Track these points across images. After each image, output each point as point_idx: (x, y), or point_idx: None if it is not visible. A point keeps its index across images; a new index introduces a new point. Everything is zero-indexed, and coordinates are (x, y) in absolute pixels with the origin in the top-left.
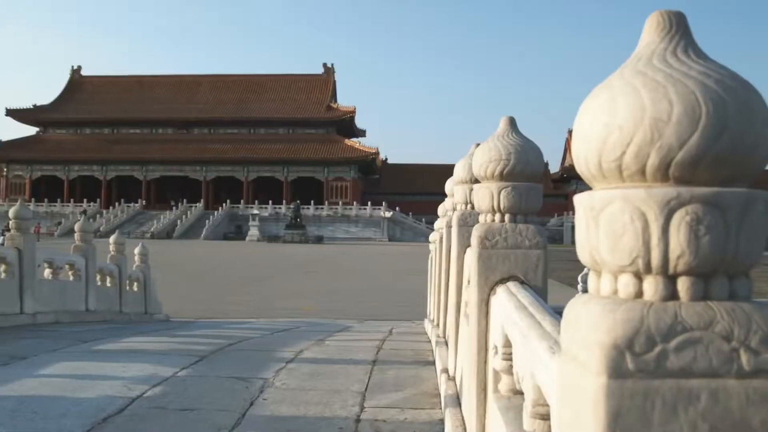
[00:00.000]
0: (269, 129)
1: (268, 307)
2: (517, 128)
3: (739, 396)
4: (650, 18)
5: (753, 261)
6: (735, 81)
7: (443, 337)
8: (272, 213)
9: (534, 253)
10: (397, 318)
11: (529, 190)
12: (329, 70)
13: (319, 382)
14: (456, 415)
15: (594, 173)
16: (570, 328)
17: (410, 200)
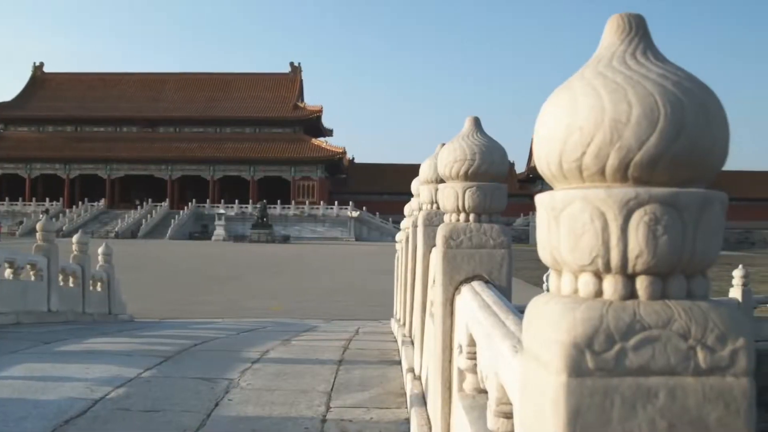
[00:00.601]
0: (236, 128)
1: (235, 307)
2: (481, 128)
3: (696, 393)
4: (610, 20)
5: (710, 260)
6: (692, 83)
7: (409, 337)
8: (238, 212)
9: (498, 252)
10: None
11: (494, 190)
12: (296, 69)
13: (285, 382)
14: (421, 414)
15: (555, 173)
16: (531, 327)
17: (377, 200)
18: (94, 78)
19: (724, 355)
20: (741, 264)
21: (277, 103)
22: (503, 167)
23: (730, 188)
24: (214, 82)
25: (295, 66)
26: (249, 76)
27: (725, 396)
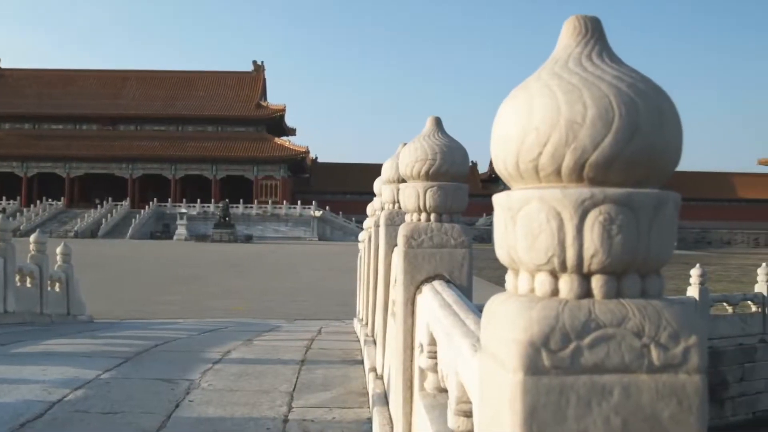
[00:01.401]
0: (198, 126)
1: (197, 307)
2: (443, 128)
3: (649, 390)
4: (567, 22)
5: (663, 259)
6: (647, 85)
7: (372, 336)
8: (200, 212)
9: (459, 252)
10: (327, 317)
11: (455, 190)
12: (259, 67)
13: (247, 382)
14: (383, 413)
15: (512, 173)
16: (488, 326)
17: (340, 199)
18: (53, 74)
19: (677, 352)
20: (698, 263)
21: (240, 102)
22: (464, 167)
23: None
24: (176, 80)
25: (258, 65)
26: (212, 74)
27: (678, 393)
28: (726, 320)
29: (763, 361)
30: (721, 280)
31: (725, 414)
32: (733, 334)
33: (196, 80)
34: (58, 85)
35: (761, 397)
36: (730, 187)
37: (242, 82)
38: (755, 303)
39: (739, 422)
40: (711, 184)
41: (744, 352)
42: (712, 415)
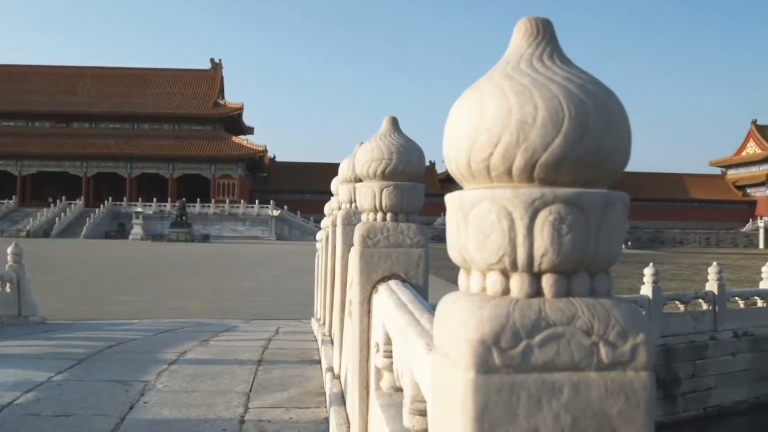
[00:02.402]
0: (154, 124)
1: (154, 307)
2: (399, 128)
3: (598, 388)
4: (519, 24)
5: (612, 259)
6: (596, 87)
7: (329, 336)
8: (157, 211)
9: (415, 251)
10: (284, 317)
11: (411, 190)
12: (216, 65)
13: (203, 383)
14: (341, 413)
15: (464, 173)
16: (441, 325)
17: (299, 199)
18: (3, 70)
19: (625, 350)
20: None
21: (197, 100)
22: (420, 167)
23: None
24: (131, 77)
25: (215, 62)
26: (168, 71)
27: (626, 390)
28: (678, 318)
29: (713, 357)
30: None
31: (677, 410)
32: (685, 331)
33: (152, 78)
34: (10, 81)
35: (712, 393)
36: (682, 188)
37: (199, 80)
38: (706, 301)
39: (691, 418)
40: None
41: (695, 349)
42: (664, 411)
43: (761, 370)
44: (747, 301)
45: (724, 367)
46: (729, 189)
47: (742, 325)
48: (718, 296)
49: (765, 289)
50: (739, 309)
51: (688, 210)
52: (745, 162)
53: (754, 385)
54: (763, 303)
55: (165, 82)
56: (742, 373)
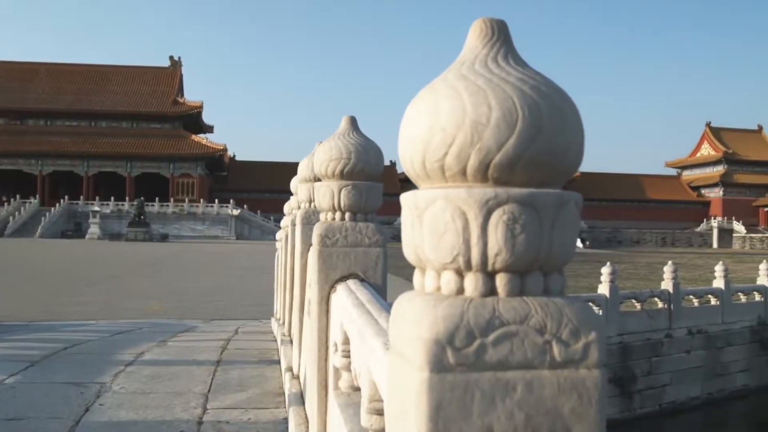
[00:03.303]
0: (111, 122)
1: (110, 308)
2: (358, 128)
3: (551, 386)
4: (474, 25)
5: (566, 258)
6: (550, 88)
7: (288, 336)
8: (114, 210)
9: (374, 251)
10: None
11: (369, 189)
12: (176, 63)
13: (160, 384)
14: (300, 413)
15: (419, 173)
16: (396, 324)
17: (259, 198)
18: None
19: (578, 348)
20: (609, 262)
21: (156, 98)
22: (379, 166)
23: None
24: (88, 74)
25: (174, 60)
26: (126, 68)
27: (578, 387)
28: (635, 316)
29: (668, 355)
30: (630, 277)
31: (633, 407)
32: (641, 329)
33: (110, 75)
34: None
35: (667, 390)
36: (639, 189)
37: (158, 77)
38: (662, 300)
39: (647, 414)
40: (622, 186)
41: (651, 346)
42: (621, 408)
43: (714, 367)
44: (701, 300)
45: (678, 364)
46: (684, 190)
47: (696, 322)
48: (673, 295)
49: (718, 287)
50: (693, 307)
51: (644, 210)
52: (699, 163)
53: (707, 381)
54: (716, 301)
55: (123, 79)
56: (695, 370)
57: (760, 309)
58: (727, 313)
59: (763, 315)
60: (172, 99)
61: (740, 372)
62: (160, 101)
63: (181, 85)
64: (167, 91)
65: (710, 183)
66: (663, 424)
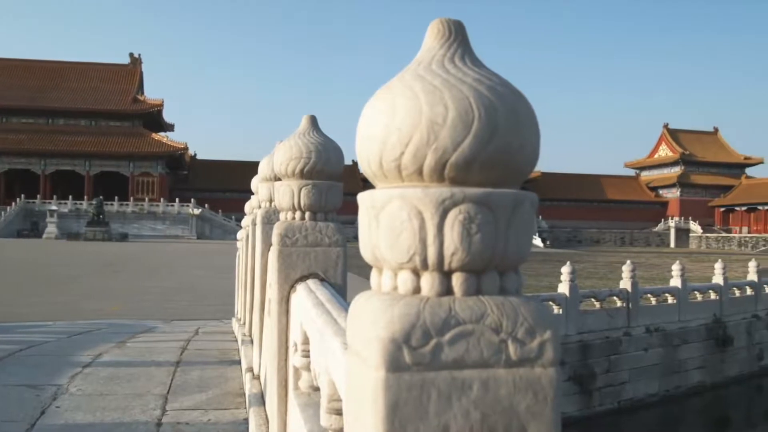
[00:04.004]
0: (70, 120)
1: (69, 309)
2: (318, 127)
3: (507, 384)
4: (431, 25)
5: (521, 257)
6: (506, 88)
7: (249, 336)
8: (72, 209)
9: (334, 250)
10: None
11: (330, 188)
12: (136, 60)
13: (119, 386)
14: (260, 413)
15: (376, 173)
16: (353, 324)
17: (220, 197)
18: None
19: (533, 347)
20: (569, 261)
21: (116, 95)
22: (339, 166)
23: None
24: (46, 71)
25: (135, 57)
26: (85, 65)
27: (534, 385)
28: (594, 315)
29: (627, 353)
30: (590, 277)
31: (593, 404)
32: (601, 328)
33: (68, 71)
34: None
35: (626, 387)
36: (599, 189)
37: (118, 74)
38: (621, 298)
39: (606, 411)
40: (582, 186)
41: (610, 344)
42: (580, 406)
43: (671, 364)
44: (658, 298)
45: (636, 361)
46: (643, 190)
47: (653, 321)
48: (631, 294)
49: (675, 286)
50: (651, 306)
51: (604, 210)
52: (657, 164)
53: (664, 378)
54: (673, 300)
55: (81, 76)
56: (653, 368)
57: (715, 307)
58: (683, 312)
59: (718, 313)
60: (131, 97)
61: (696, 369)
62: (120, 99)
63: (142, 82)
64: (127, 89)
65: (668, 183)
66: (621, 421)
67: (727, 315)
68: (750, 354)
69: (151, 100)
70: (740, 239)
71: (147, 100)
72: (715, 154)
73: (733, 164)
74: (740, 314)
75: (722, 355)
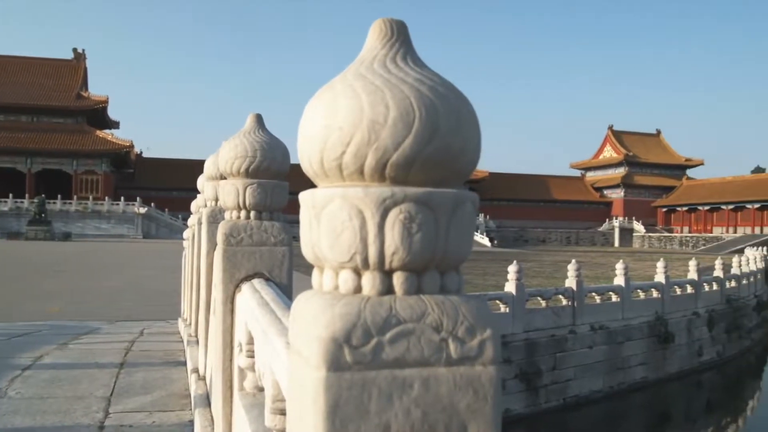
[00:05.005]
0: (10, 116)
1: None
2: (264, 125)
3: (447, 382)
4: (374, 25)
5: (462, 256)
6: (447, 89)
7: (195, 336)
8: (13, 207)
9: (279, 250)
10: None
11: (275, 188)
12: (80, 55)
13: (60, 389)
14: (205, 415)
15: (317, 172)
16: (295, 323)
17: (166, 196)
18: None
19: (473, 345)
20: (516, 260)
21: (58, 92)
22: (285, 165)
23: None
24: None
25: (78, 53)
26: (26, 60)
27: (474, 384)
28: (540, 313)
29: (572, 350)
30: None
31: (539, 401)
32: (547, 326)
33: (8, 66)
34: None
35: (571, 384)
36: (546, 189)
37: (61, 70)
38: (566, 297)
39: (552, 408)
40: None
41: (556, 342)
42: (527, 403)
43: (615, 361)
44: (602, 297)
45: (581, 359)
46: (588, 190)
47: (598, 318)
48: (576, 292)
49: (619, 285)
50: (595, 304)
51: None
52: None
53: (608, 375)
54: (617, 298)
55: (22, 71)
56: (598, 365)
57: (657, 305)
58: (627, 310)
59: (660, 311)
60: (75, 93)
61: (639, 365)
62: (63, 95)
63: (86, 78)
64: (70, 85)
65: (612, 184)
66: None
67: (668, 313)
68: (690, 350)
69: (95, 97)
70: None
71: (91, 96)
72: (658, 156)
73: (674, 166)
74: (681, 312)
75: (664, 351)
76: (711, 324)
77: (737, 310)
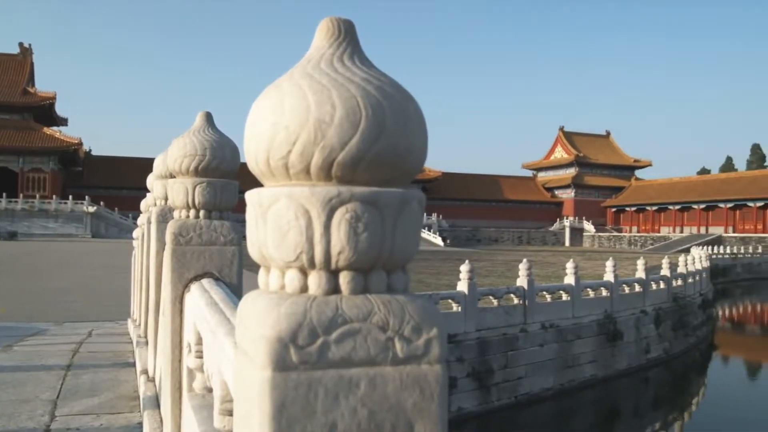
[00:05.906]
0: None
1: None
2: (213, 124)
3: (394, 381)
4: (321, 24)
5: (409, 256)
6: (394, 89)
7: (144, 337)
8: None
9: (229, 249)
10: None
11: (225, 186)
12: (26, 50)
13: (4, 392)
14: (155, 417)
15: (263, 171)
16: (242, 323)
17: (116, 195)
18: None
19: (420, 344)
20: (468, 260)
21: (3, 87)
22: (234, 163)
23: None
24: None
25: (25, 47)
26: None
27: (420, 382)
28: (492, 312)
29: (523, 348)
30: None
31: (491, 399)
32: (498, 324)
33: None
34: None
35: (522, 382)
36: (498, 189)
37: (6, 65)
38: (517, 296)
39: (503, 406)
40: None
41: (507, 341)
42: (479, 401)
43: (565, 359)
44: (553, 295)
45: (533, 357)
46: (539, 190)
47: (548, 317)
48: (527, 291)
49: (569, 284)
50: (546, 303)
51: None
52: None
53: (559, 373)
54: (567, 297)
55: None
56: (548, 363)
57: (606, 304)
58: (577, 308)
59: (609, 309)
60: (21, 88)
61: (589, 363)
62: (8, 90)
63: (32, 74)
64: (16, 80)
65: (563, 184)
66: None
67: (617, 311)
68: (638, 348)
69: (42, 93)
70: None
71: (38, 92)
72: (608, 157)
73: (623, 166)
74: (629, 310)
75: (613, 349)
76: (658, 322)
77: (683, 308)
